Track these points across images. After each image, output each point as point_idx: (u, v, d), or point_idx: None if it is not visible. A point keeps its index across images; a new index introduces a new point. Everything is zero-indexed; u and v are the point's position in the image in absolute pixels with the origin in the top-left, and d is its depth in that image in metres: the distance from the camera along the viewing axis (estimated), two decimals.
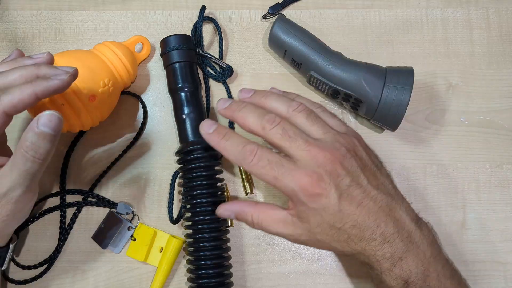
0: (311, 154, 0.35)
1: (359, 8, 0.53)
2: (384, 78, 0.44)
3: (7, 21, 0.51)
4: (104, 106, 0.44)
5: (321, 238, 0.36)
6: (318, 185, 0.34)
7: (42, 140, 0.33)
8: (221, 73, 0.50)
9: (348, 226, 0.35)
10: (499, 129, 0.50)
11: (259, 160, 0.35)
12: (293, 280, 0.47)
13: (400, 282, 0.36)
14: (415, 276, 0.35)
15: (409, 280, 0.36)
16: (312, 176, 0.34)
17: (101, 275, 0.46)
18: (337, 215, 0.35)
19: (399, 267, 0.36)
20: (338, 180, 0.35)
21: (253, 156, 0.36)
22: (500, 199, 0.49)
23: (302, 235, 0.37)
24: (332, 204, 0.35)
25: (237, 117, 0.38)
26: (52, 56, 0.38)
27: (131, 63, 0.46)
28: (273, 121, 0.36)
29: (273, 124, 0.36)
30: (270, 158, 0.36)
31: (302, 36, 0.47)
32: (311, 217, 0.36)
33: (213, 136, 0.38)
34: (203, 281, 0.42)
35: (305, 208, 0.35)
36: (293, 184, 0.35)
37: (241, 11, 0.52)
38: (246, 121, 0.37)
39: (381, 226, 0.35)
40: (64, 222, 0.47)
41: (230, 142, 0.37)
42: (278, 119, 0.36)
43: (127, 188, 0.48)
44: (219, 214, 0.40)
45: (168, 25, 0.52)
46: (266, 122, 0.36)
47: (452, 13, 0.53)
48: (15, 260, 0.46)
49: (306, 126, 0.37)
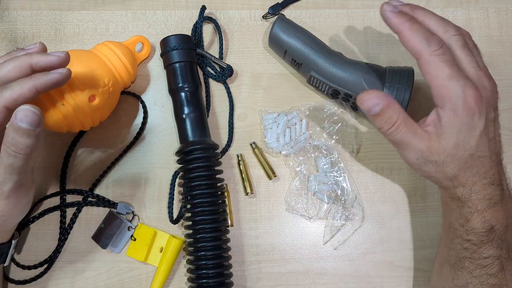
0: (480, 75, 0.36)
1: (359, 8, 0.53)
2: (384, 78, 0.44)
3: (7, 21, 0.51)
4: (104, 106, 0.44)
5: (447, 160, 0.36)
6: (480, 104, 0.35)
7: (20, 135, 0.33)
8: (221, 73, 0.50)
9: (477, 155, 0.36)
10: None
11: (443, 53, 0.35)
12: (293, 280, 0.47)
13: (487, 226, 0.36)
14: (500, 226, 0.36)
15: (495, 227, 0.36)
16: (478, 93, 0.35)
17: (101, 275, 0.46)
18: (475, 140, 0.36)
19: (492, 212, 0.36)
20: (489, 110, 0.36)
21: (439, 47, 0.35)
22: None
23: (432, 154, 0.36)
24: (478, 128, 0.35)
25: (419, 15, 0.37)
26: (44, 45, 0.39)
27: (131, 63, 0.46)
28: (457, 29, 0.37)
29: (457, 32, 0.37)
30: (452, 56, 0.36)
31: (302, 36, 0.47)
32: (453, 134, 0.36)
33: (399, 16, 0.36)
34: (203, 281, 0.42)
35: (454, 122, 0.35)
36: (461, 90, 0.34)
37: (241, 11, 0.52)
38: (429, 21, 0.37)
39: (493, 168, 0.37)
40: (64, 222, 0.47)
41: (416, 27, 0.36)
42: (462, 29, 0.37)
43: (127, 188, 0.48)
44: (364, 102, 0.37)
45: (168, 25, 0.52)
46: (451, 28, 0.37)
47: (452, 13, 0.53)
48: (15, 260, 0.46)
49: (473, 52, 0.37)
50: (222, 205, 0.44)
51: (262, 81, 0.51)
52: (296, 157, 0.48)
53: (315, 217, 0.48)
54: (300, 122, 0.49)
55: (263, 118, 0.49)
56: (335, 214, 0.48)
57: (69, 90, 0.40)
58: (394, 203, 0.49)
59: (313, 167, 0.49)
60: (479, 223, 0.36)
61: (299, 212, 0.48)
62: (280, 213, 0.48)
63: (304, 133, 0.49)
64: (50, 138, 0.48)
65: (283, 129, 0.48)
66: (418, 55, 0.36)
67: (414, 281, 0.47)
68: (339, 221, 0.47)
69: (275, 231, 0.48)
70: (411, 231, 0.48)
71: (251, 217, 0.48)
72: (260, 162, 0.49)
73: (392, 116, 0.36)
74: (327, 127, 0.49)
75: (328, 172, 0.48)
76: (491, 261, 0.36)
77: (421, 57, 0.35)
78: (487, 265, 0.36)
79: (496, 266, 0.36)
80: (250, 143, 0.49)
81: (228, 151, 0.49)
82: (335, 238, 0.48)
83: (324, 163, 0.48)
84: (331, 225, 0.48)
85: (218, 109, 0.50)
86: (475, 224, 0.36)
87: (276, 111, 0.49)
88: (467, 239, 0.37)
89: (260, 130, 0.50)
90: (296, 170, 0.48)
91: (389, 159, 0.49)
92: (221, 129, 0.50)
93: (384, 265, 0.47)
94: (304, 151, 0.49)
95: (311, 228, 0.48)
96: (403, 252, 0.47)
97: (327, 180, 0.48)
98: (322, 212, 0.48)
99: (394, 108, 0.36)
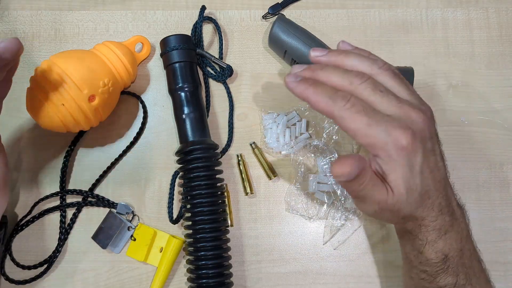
0: (403, 110, 0.34)
1: (359, 8, 0.53)
2: None
3: (7, 21, 0.51)
4: (104, 106, 0.44)
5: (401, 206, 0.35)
6: (412, 141, 0.33)
7: None
8: (221, 73, 0.50)
9: (423, 192, 0.35)
10: (499, 129, 0.50)
11: (352, 105, 0.33)
12: (293, 280, 0.47)
13: (440, 255, 0.36)
14: (454, 252, 0.36)
15: (449, 255, 0.36)
16: (406, 131, 0.33)
17: (101, 275, 0.46)
18: (418, 178, 0.34)
19: (443, 241, 0.36)
20: (425, 141, 0.34)
21: (346, 101, 0.33)
22: (500, 199, 0.49)
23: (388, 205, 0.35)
24: (417, 164, 0.34)
25: (320, 76, 0.36)
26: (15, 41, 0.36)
27: (131, 63, 0.46)
28: (362, 76, 0.35)
29: (362, 79, 0.34)
30: (364, 105, 0.33)
31: (302, 36, 0.47)
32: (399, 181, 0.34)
33: (301, 84, 0.35)
34: (203, 281, 0.42)
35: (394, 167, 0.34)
36: (385, 135, 0.33)
37: (241, 11, 0.52)
38: (331, 78, 0.35)
39: (439, 197, 0.36)
40: (64, 222, 0.47)
41: (320, 89, 0.34)
42: (367, 75, 0.35)
43: (127, 188, 0.48)
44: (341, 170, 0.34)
45: (168, 25, 0.52)
46: (355, 77, 0.34)
47: (452, 13, 0.53)
48: (15, 260, 0.46)
49: (392, 85, 0.36)
50: (222, 205, 0.44)
51: (262, 81, 0.51)
52: (296, 157, 0.48)
53: (315, 217, 0.48)
54: (300, 122, 0.49)
55: (263, 118, 0.49)
56: (335, 214, 0.48)
57: (68, 90, 0.40)
58: None
59: (313, 167, 0.49)
60: (432, 254, 0.36)
61: (299, 212, 0.48)
62: (280, 213, 0.48)
63: (304, 133, 0.49)
64: (50, 138, 0.48)
65: (283, 129, 0.48)
66: (331, 115, 0.34)
67: None
68: (339, 221, 0.47)
69: (275, 231, 0.48)
70: None
71: (251, 217, 0.48)
72: (260, 162, 0.49)
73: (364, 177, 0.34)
74: (327, 127, 0.49)
75: (328, 172, 0.48)
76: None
77: (334, 116, 0.34)
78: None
79: None
80: (250, 143, 0.49)
81: (228, 151, 0.49)
82: (335, 238, 0.48)
83: (324, 163, 0.48)
84: (331, 225, 0.48)
85: (218, 109, 0.50)
86: (428, 255, 0.36)
87: (276, 111, 0.49)
88: (423, 270, 0.37)
89: (260, 130, 0.50)
90: (296, 170, 0.48)
91: None
92: (221, 129, 0.50)
93: (384, 265, 0.47)
94: (304, 151, 0.49)
95: (311, 228, 0.48)
96: None
97: (327, 180, 0.48)
98: (322, 212, 0.48)
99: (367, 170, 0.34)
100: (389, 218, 0.38)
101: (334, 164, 0.34)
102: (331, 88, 0.34)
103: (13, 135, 0.48)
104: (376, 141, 0.33)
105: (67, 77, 0.40)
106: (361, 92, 0.34)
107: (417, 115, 0.34)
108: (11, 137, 0.44)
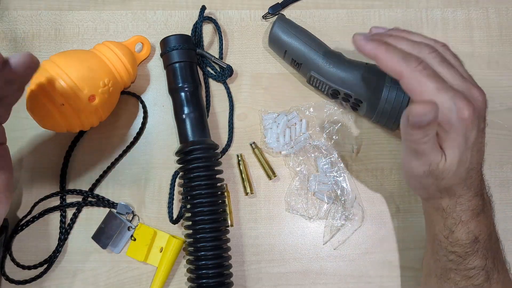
0: (467, 86, 0.34)
1: (359, 8, 0.53)
2: (384, 78, 0.44)
3: (7, 21, 0.51)
4: (104, 106, 0.44)
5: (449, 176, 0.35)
6: (472, 115, 0.33)
7: None
8: (221, 73, 0.50)
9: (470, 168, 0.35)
10: (499, 129, 0.50)
11: (424, 68, 0.33)
12: (293, 280, 0.47)
13: (472, 237, 0.36)
14: (484, 235, 0.36)
15: (480, 238, 0.36)
16: (469, 104, 0.33)
17: (101, 275, 0.46)
18: (469, 153, 0.35)
19: (476, 222, 0.36)
20: (481, 120, 0.35)
21: (418, 63, 0.33)
22: (500, 199, 0.49)
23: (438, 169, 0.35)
24: (471, 140, 0.34)
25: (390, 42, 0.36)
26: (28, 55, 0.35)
27: (131, 63, 0.46)
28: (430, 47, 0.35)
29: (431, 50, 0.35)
30: (434, 71, 0.34)
31: (302, 36, 0.47)
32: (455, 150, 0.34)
33: (372, 42, 0.35)
34: (203, 281, 0.42)
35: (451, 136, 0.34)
36: (451, 102, 0.33)
37: (241, 11, 0.52)
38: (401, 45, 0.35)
39: (477, 179, 0.36)
40: (64, 222, 0.47)
41: (392, 48, 0.35)
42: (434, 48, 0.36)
43: (127, 188, 0.48)
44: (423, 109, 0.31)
45: (168, 25, 0.52)
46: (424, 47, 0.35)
47: (452, 13, 0.53)
48: (15, 260, 0.46)
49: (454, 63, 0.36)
50: (222, 205, 0.44)
51: (262, 81, 0.51)
52: (296, 157, 0.48)
53: (315, 217, 0.48)
54: (300, 122, 0.49)
55: (263, 118, 0.49)
56: (335, 214, 0.48)
57: (69, 90, 0.40)
58: (394, 203, 0.49)
59: (313, 167, 0.49)
60: (464, 234, 0.36)
61: (299, 212, 0.48)
62: (280, 213, 0.48)
63: (304, 133, 0.49)
64: (50, 138, 0.48)
65: (283, 129, 0.48)
66: (400, 75, 0.34)
67: (414, 281, 0.47)
68: (339, 221, 0.47)
69: (275, 231, 0.48)
70: (411, 231, 0.48)
71: (251, 217, 0.48)
72: (260, 162, 0.49)
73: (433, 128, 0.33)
74: (327, 127, 0.49)
75: (328, 172, 0.48)
76: (476, 272, 0.36)
77: (403, 76, 0.34)
78: (472, 276, 0.36)
79: (482, 277, 0.36)
80: (250, 143, 0.49)
81: (228, 151, 0.49)
82: (335, 238, 0.48)
83: (324, 163, 0.48)
84: (331, 225, 0.48)
85: (218, 109, 0.50)
86: (460, 235, 0.36)
87: (276, 111, 0.49)
88: (452, 251, 0.37)
89: (260, 130, 0.50)
90: (296, 170, 0.48)
91: (389, 159, 0.49)
92: (221, 129, 0.50)
93: (384, 265, 0.47)
94: (304, 151, 0.49)
95: (311, 228, 0.48)
96: (403, 252, 0.47)
97: (327, 180, 0.48)
98: (322, 212, 0.48)
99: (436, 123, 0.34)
100: (429, 187, 0.37)
101: (415, 104, 0.32)
102: (401, 50, 0.35)
103: (13, 135, 0.48)
104: (440, 107, 0.33)
105: (67, 77, 0.40)
106: (430, 62, 0.35)
107: (479, 93, 0.35)
108: (11, 137, 0.44)
